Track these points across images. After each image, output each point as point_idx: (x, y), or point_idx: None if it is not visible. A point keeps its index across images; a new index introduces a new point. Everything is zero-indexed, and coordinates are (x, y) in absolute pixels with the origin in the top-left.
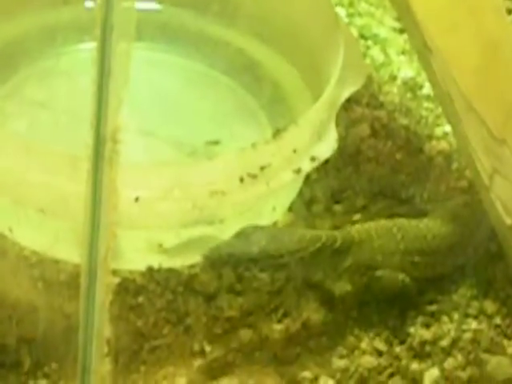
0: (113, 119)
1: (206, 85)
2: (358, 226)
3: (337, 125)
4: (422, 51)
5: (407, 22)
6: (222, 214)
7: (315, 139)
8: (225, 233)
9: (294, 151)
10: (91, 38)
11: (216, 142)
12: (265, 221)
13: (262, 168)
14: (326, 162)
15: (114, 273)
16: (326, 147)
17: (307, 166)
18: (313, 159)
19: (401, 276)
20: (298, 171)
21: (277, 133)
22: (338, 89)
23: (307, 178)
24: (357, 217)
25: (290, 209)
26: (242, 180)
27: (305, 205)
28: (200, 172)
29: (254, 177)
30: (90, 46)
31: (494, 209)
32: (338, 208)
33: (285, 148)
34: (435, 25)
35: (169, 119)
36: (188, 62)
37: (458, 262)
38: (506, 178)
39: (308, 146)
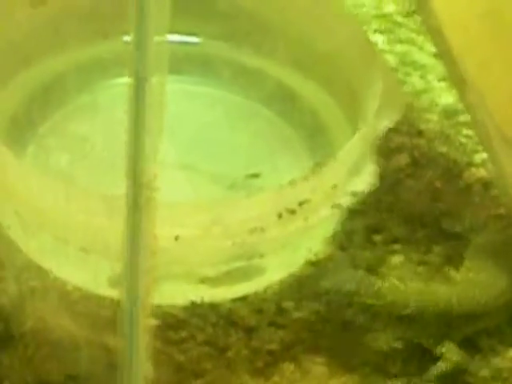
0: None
1: (244, 117)
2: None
3: (376, 154)
4: (458, 83)
5: (443, 54)
6: (261, 250)
7: (354, 174)
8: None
9: (333, 187)
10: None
11: (256, 175)
12: (304, 253)
13: (301, 204)
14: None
15: (156, 308)
16: (365, 181)
17: (346, 201)
18: (351, 194)
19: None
20: (337, 206)
21: (315, 168)
22: (376, 121)
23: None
24: (397, 247)
25: (331, 239)
26: (280, 216)
27: (345, 235)
28: (238, 209)
29: (292, 212)
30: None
31: None
32: (377, 238)
33: (323, 184)
34: (471, 57)
35: (208, 152)
36: (226, 94)
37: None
38: None
39: (346, 181)
